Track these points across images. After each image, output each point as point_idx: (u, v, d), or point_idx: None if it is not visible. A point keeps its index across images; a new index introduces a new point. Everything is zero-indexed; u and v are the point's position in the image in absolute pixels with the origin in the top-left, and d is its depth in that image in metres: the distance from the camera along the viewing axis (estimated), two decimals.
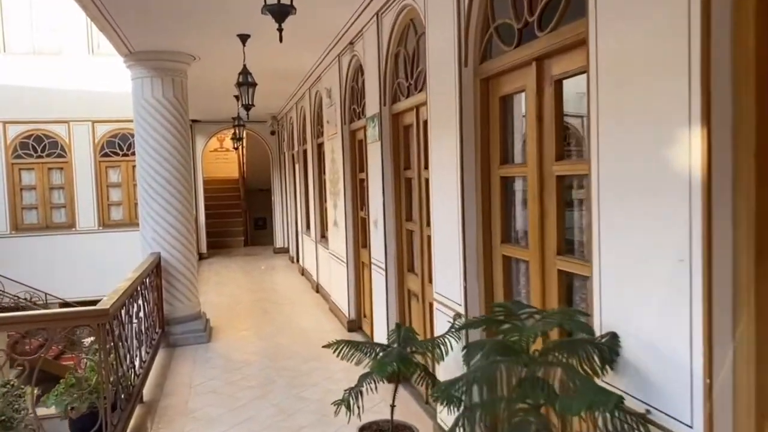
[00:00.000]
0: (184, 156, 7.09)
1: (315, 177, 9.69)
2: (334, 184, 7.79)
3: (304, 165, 11.31)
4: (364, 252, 6.91)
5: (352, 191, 7.11)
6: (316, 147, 9.60)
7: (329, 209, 8.31)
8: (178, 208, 6.98)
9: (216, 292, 10.26)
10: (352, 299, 7.19)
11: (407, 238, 5.19)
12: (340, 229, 7.53)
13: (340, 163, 7.28)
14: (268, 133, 15.30)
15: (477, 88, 3.43)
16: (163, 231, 6.90)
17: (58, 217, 13.88)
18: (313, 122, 9.62)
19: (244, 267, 13.19)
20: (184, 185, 7.04)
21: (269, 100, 11.51)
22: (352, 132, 7.02)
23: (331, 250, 8.20)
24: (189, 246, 7.12)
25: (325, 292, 9.09)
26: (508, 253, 3.32)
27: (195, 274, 7.30)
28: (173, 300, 7.00)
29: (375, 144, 5.55)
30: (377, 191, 5.56)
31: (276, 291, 10.18)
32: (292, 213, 13.35)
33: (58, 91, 13.30)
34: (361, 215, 6.96)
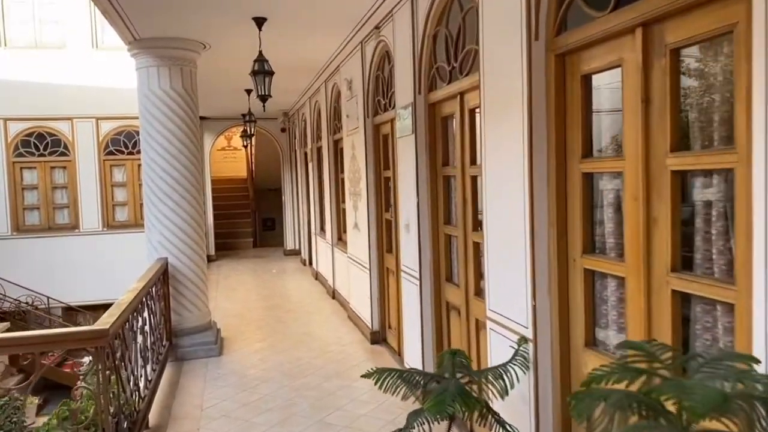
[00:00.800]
0: (194, 153, 6.53)
1: (331, 176, 9.11)
2: (354, 183, 7.21)
3: (318, 163, 10.74)
4: (389, 257, 6.33)
5: (375, 191, 6.53)
6: (333, 144, 9.02)
7: (348, 210, 7.72)
8: (187, 210, 6.41)
9: (226, 297, 9.70)
10: (376, 309, 6.61)
11: (445, 244, 4.60)
12: (361, 233, 6.95)
13: (362, 160, 6.69)
14: (278, 130, 14.74)
15: (551, 65, 2.83)
16: (170, 235, 6.33)
17: (60, 217, 13.36)
18: (329, 117, 9.03)
19: (255, 270, 12.62)
20: (194, 185, 6.47)
21: (281, 95, 10.93)
22: (376, 126, 6.43)
23: (351, 254, 7.62)
24: (199, 251, 6.55)
25: (342, 299, 8.51)
26: (592, 266, 2.73)
27: (205, 282, 6.73)
28: (182, 310, 6.43)
29: (407, 138, 4.96)
30: (409, 191, 4.98)
31: (289, 297, 9.61)
32: (304, 214, 12.77)
33: (60, 87, 12.79)
34: (386, 217, 6.38)
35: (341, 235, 9.09)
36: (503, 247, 3.28)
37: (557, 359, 2.90)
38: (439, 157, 4.60)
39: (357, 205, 7.12)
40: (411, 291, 5.03)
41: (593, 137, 2.76)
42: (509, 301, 3.23)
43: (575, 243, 2.82)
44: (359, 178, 6.93)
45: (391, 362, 5.87)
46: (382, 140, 6.37)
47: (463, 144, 4.07)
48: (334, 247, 9.10)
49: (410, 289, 5.06)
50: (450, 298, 4.52)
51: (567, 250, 2.87)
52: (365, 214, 6.69)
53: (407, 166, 5.00)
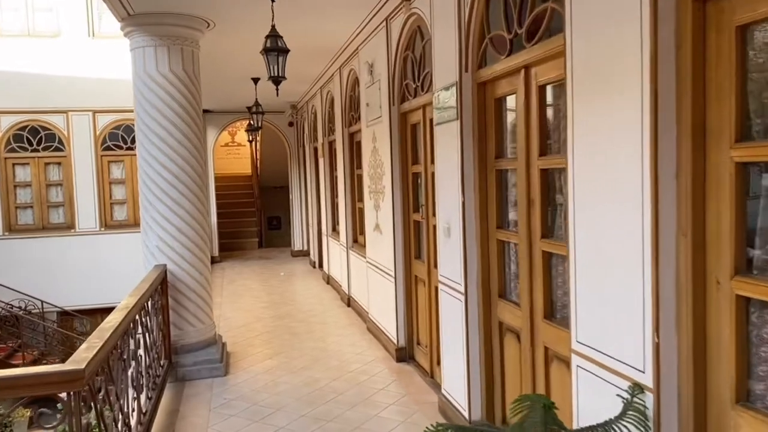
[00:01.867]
0: (197, 145, 5.76)
1: (346, 172, 8.34)
2: (375, 180, 6.44)
3: (330, 159, 9.96)
4: (418, 265, 5.56)
5: (402, 189, 5.75)
6: (348, 137, 8.24)
7: (367, 210, 6.95)
8: (189, 210, 5.65)
9: (231, 304, 8.93)
10: (402, 322, 5.83)
11: (498, 253, 3.82)
12: (384, 236, 6.18)
13: (386, 154, 5.92)
14: (285, 124, 13.97)
15: (689, 12, 2.05)
16: (170, 238, 5.56)
17: (55, 216, 12.62)
18: (344, 108, 8.26)
19: (261, 273, 11.86)
20: (196, 182, 5.70)
21: (290, 84, 10.12)
22: (404, 114, 5.66)
23: (371, 259, 6.85)
24: (202, 256, 5.78)
25: (359, 307, 7.74)
26: (747, 291, 1.96)
27: (209, 291, 5.96)
28: (183, 323, 5.67)
29: (448, 126, 4.18)
30: (450, 188, 4.20)
31: (300, 304, 8.84)
32: (314, 213, 12.00)
33: (55, 78, 12.04)
34: (415, 218, 5.61)
35: (357, 237, 8.32)
36: (603, 262, 2.50)
37: (690, 418, 2.13)
38: (491, 147, 3.82)
39: (379, 205, 6.34)
40: (452, 306, 4.26)
41: None
42: (612, 334, 2.45)
43: (721, 260, 2.04)
44: (381, 174, 6.15)
45: (422, 386, 5.10)
46: (411, 130, 5.59)
47: (529, 130, 3.29)
48: (350, 250, 8.33)
49: (451, 304, 4.28)
50: (505, 318, 3.74)
51: (705, 268, 2.10)
52: (389, 214, 5.91)
53: (448, 159, 4.22)
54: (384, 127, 5.97)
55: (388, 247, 6.00)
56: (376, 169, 6.36)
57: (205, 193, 5.93)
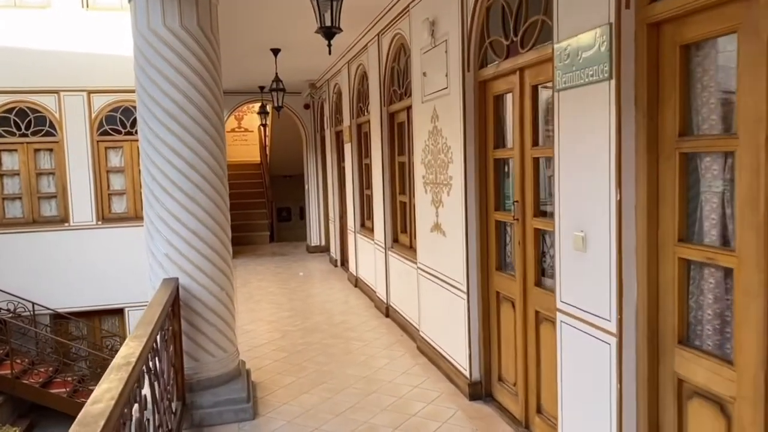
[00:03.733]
0: (216, 125, 4.51)
1: (384, 160, 7.07)
2: (435, 169, 5.17)
3: (359, 144, 8.69)
4: (502, 279, 4.32)
5: (478, 180, 4.49)
6: (387, 118, 6.97)
7: (421, 206, 5.69)
8: (206, 207, 4.40)
9: (249, 313, 7.70)
10: (477, 351, 4.60)
11: (679, 278, 2.57)
12: (449, 239, 4.93)
13: (456, 135, 4.65)
14: (300, 107, 12.67)
15: None
16: (183, 245, 4.32)
17: (47, 209, 11.35)
18: (383, 83, 6.97)
19: (277, 272, 10.62)
20: (216, 171, 4.46)
21: (309, 59, 8.89)
22: (483, 83, 4.39)
23: (425, 265, 5.60)
24: (224, 266, 4.54)
25: (403, 321, 6.51)
26: None
27: (233, 310, 4.71)
28: (199, 352, 4.43)
29: (588, 90, 2.91)
30: (588, 180, 2.95)
31: (329, 313, 7.60)
32: (336, 206, 10.75)
33: (45, 54, 10.72)
34: (498, 218, 4.36)
35: (398, 236, 7.07)
36: None
37: None
38: (667, 118, 2.56)
39: (440, 199, 5.09)
40: (587, 350, 3.01)
41: None
42: None
43: None
44: (447, 162, 4.88)
45: None
46: (493, 104, 4.32)
47: None
48: (389, 251, 7.08)
49: (585, 347, 3.04)
50: (692, 375, 2.50)
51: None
52: (459, 212, 4.65)
53: (584, 138, 2.96)
54: (452, 101, 4.70)
55: (456, 253, 4.75)
56: (437, 156, 5.09)
57: (225, 185, 4.67)
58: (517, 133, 3.92)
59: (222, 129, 4.64)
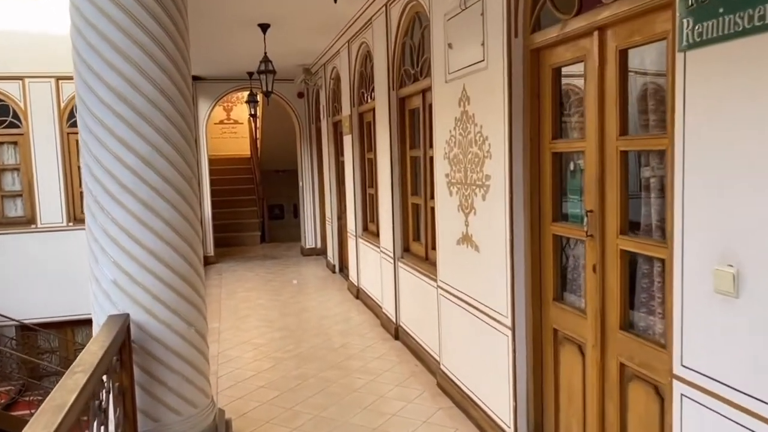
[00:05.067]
0: (183, 111, 3.40)
1: (393, 154, 5.99)
2: (465, 166, 4.09)
3: (362, 136, 7.61)
4: (562, 313, 3.25)
5: (528, 180, 3.40)
6: (397, 104, 5.88)
7: (442, 211, 4.62)
8: (170, 219, 3.30)
9: (234, 332, 6.60)
10: (524, 403, 3.53)
11: None
12: (484, 255, 3.85)
13: (497, 122, 3.56)
14: (293, 95, 11.53)
15: None
16: (136, 269, 3.21)
17: (11, 209, 10.21)
18: (391, 63, 5.88)
19: (269, 280, 9.52)
20: (183, 172, 3.36)
21: (303, 39, 7.79)
22: (537, 52, 3.31)
23: (448, 284, 4.53)
24: (192, 296, 3.44)
25: (417, 346, 5.44)
26: None
27: (206, 352, 3.62)
28: (160, 410, 3.33)
29: (758, 40, 1.84)
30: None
31: (327, 332, 6.52)
32: (334, 206, 9.65)
33: (7, 35, 9.56)
34: (556, 231, 3.29)
35: (410, 244, 6.00)
36: None
37: None
38: None
39: (472, 204, 4.00)
40: None
41: None
42: None
43: None
44: (482, 157, 3.80)
45: None
46: (552, 80, 3.24)
47: None
48: (399, 262, 6.01)
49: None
50: None
51: None
52: (501, 222, 3.57)
53: (749, 122, 1.89)
54: (491, 77, 3.61)
55: (495, 275, 3.68)
56: (468, 149, 4.01)
57: (195, 189, 3.56)
58: (593, 117, 2.84)
59: (190, 116, 3.54)
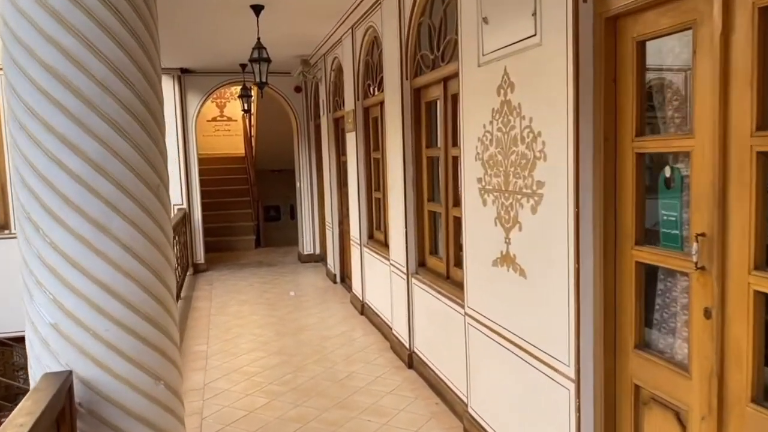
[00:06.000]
0: (149, 99, 2.58)
1: (406, 153, 5.19)
2: (507, 168, 3.29)
3: (367, 133, 6.81)
4: (645, 365, 2.45)
5: (602, 191, 2.61)
6: (411, 95, 5.08)
7: (473, 223, 3.82)
8: (131, 242, 2.48)
9: (222, 360, 5.77)
10: None
11: None
12: (532, 282, 3.05)
13: (555, 113, 2.76)
14: (290, 90, 10.71)
15: None
16: (84, 308, 2.40)
17: None
18: (404, 49, 5.07)
19: (263, 290, 8.70)
20: (146, 178, 2.53)
21: (301, 25, 6.98)
22: (614, 22, 2.50)
23: (482, 313, 3.72)
24: (161, 341, 2.61)
25: (438, 380, 4.63)
26: None
27: (180, 413, 2.78)
28: None
29: None
30: None
31: (331, 359, 5.71)
32: (335, 210, 8.84)
33: None
34: (641, 257, 2.48)
35: (425, 258, 5.19)
36: None
37: None
38: None
39: (516, 217, 3.20)
40: None
41: None
42: None
43: None
44: (532, 158, 2.99)
45: None
46: (636, 56, 2.43)
47: None
48: (414, 278, 5.20)
49: None
50: None
51: None
52: (560, 243, 2.78)
53: None
54: (546, 56, 2.81)
55: (551, 309, 2.88)
56: (511, 148, 3.21)
57: (166, 201, 2.74)
58: (709, 106, 2.05)
59: (159, 106, 2.72)
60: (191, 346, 6.17)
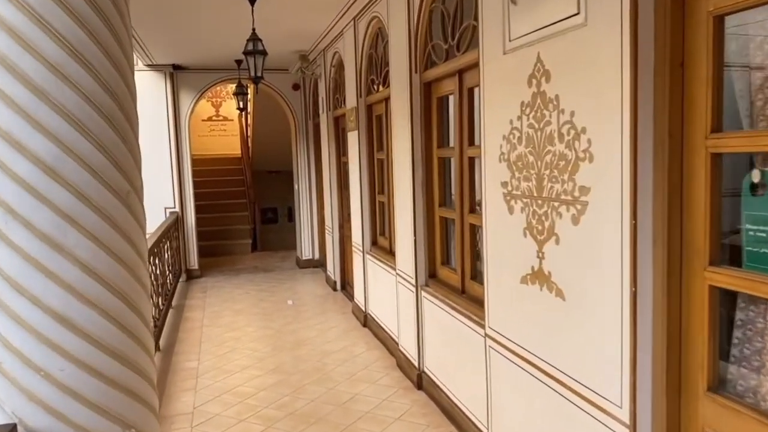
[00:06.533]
0: (111, 83, 2.11)
1: (414, 154, 4.74)
2: (540, 171, 2.84)
3: (370, 132, 6.36)
4: (723, 413, 1.98)
5: (666, 199, 2.15)
6: (421, 90, 4.63)
7: (496, 232, 3.36)
8: (88, 260, 2.01)
9: (213, 377, 5.31)
10: None
11: None
12: (572, 305, 2.60)
13: (605, 106, 2.31)
14: (287, 88, 10.25)
15: None
16: (31, 343, 1.94)
17: None
18: (413, 40, 4.62)
19: (260, 298, 8.24)
20: (112, 180, 2.06)
21: (299, 16, 6.53)
22: None
23: (505, 335, 3.27)
24: (131, 381, 2.14)
25: (452, 406, 4.18)
26: None
27: None
28: None
29: None
30: None
31: (333, 379, 5.25)
32: (335, 214, 8.39)
33: None
34: (720, 281, 2.02)
35: (436, 269, 4.74)
36: None
37: None
38: None
39: (552, 228, 2.74)
40: None
41: None
42: None
43: None
44: (572, 159, 2.54)
45: None
46: (713, 38, 1.98)
47: None
48: (423, 291, 4.75)
49: None
50: None
51: None
52: (614, 261, 2.33)
53: None
54: (593, 36, 2.37)
55: (597, 338, 2.44)
56: (546, 148, 2.76)
57: (138, 211, 2.29)
58: None
59: (131, 99, 2.27)
60: (181, 362, 5.71)
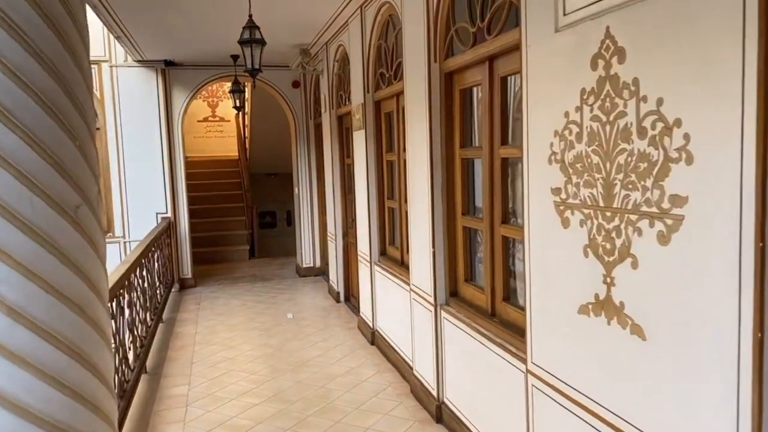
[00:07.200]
0: (59, 66, 1.54)
1: (433, 155, 4.15)
2: (610, 176, 2.27)
3: (379, 131, 5.79)
4: None
5: None
6: (441, 83, 4.06)
7: (541, 248, 2.79)
8: (19, 298, 1.45)
9: (206, 405, 4.72)
10: None
11: None
12: (655, 347, 2.03)
13: (716, 94, 1.75)
14: (287, 85, 9.67)
15: None
16: None
17: None
18: (432, 25, 4.05)
19: (258, 312, 7.65)
20: (54, 192, 1.48)
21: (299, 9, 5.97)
22: None
23: (557, 375, 2.70)
24: None
25: None
26: None
27: None
28: None
29: None
30: None
31: (339, 408, 4.67)
32: (339, 219, 7.81)
33: None
34: None
35: (457, 287, 4.17)
36: None
37: None
38: None
39: (628, 248, 2.17)
40: None
41: None
42: None
43: None
44: (659, 161, 1.98)
45: None
46: None
47: None
48: (443, 311, 4.17)
49: None
50: None
51: None
52: (724, 296, 1.76)
53: None
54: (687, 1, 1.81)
55: (695, 393, 1.87)
56: (617, 146, 2.19)
57: (95, 231, 1.71)
58: None
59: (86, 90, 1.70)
60: (169, 387, 5.13)
